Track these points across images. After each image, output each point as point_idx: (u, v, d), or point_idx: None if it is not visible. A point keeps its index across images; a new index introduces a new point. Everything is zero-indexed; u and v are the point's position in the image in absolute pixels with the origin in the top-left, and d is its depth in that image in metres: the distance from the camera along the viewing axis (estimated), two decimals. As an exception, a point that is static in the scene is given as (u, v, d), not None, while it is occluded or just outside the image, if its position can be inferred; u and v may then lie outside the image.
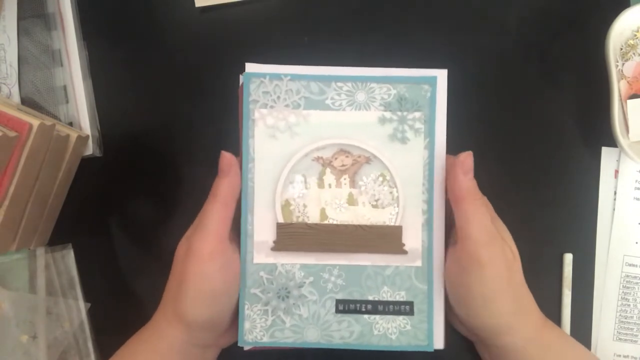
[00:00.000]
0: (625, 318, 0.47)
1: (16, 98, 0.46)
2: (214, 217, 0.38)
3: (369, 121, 0.41)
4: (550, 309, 0.47)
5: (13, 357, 0.45)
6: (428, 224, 0.41)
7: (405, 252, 0.41)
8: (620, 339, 0.47)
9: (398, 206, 0.41)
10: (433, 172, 0.41)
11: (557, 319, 0.47)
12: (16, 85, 0.46)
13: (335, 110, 0.41)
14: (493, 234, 0.38)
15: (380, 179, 0.41)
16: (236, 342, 0.42)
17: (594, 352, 0.47)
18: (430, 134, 0.41)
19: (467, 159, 0.39)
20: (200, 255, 0.38)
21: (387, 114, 0.41)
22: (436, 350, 0.41)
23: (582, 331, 0.47)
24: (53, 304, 0.47)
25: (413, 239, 0.41)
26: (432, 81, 0.40)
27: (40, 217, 0.45)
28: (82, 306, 0.47)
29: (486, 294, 0.38)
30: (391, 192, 0.41)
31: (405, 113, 0.41)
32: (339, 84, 0.41)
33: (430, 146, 0.41)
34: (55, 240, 0.48)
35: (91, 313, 0.48)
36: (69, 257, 0.48)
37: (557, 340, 0.41)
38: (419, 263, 0.41)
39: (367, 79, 0.40)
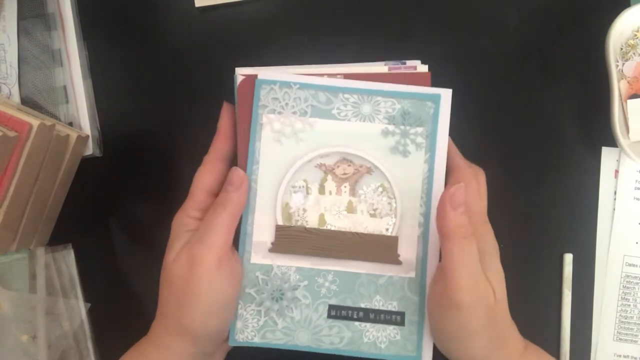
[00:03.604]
0: (625, 318, 0.47)
1: (16, 98, 0.46)
2: (221, 228, 0.38)
3: (373, 133, 0.41)
4: (550, 309, 0.47)
5: (13, 357, 0.45)
6: (424, 237, 0.41)
7: (399, 263, 0.41)
8: (620, 339, 0.47)
9: (395, 217, 0.41)
10: (432, 186, 0.41)
11: (557, 319, 0.47)
12: (16, 85, 0.46)
13: (341, 120, 0.41)
14: (477, 278, 0.37)
15: (380, 189, 0.41)
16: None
17: (594, 352, 0.47)
18: (431, 149, 0.41)
19: (457, 192, 0.37)
20: (210, 268, 0.37)
21: (391, 127, 0.41)
22: None
23: (582, 331, 0.47)
24: (53, 304, 0.47)
25: (408, 250, 0.41)
26: (436, 99, 0.41)
27: (40, 217, 0.45)
28: (82, 306, 0.47)
29: (460, 335, 0.38)
30: (390, 203, 0.41)
31: (408, 127, 0.41)
32: (346, 95, 0.41)
33: (431, 161, 0.41)
34: (55, 240, 0.48)
35: (91, 313, 0.48)
36: (69, 257, 0.48)
37: None
38: (412, 274, 0.41)
39: (373, 92, 0.41)
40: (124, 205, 0.49)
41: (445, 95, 0.41)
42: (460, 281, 0.36)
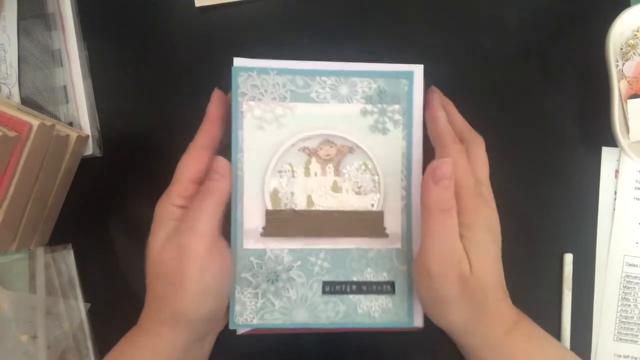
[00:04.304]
0: (626, 318, 0.47)
1: (16, 98, 0.46)
2: (209, 216, 0.38)
3: (352, 113, 0.43)
4: (550, 309, 0.47)
5: (13, 357, 0.45)
6: (407, 209, 0.43)
7: (386, 236, 0.43)
8: (620, 339, 0.47)
9: (379, 193, 0.43)
10: (411, 161, 0.43)
11: (557, 319, 0.47)
12: (16, 85, 0.46)
13: (320, 102, 0.43)
14: (450, 249, 0.38)
15: (363, 167, 0.43)
16: (232, 334, 0.42)
17: (594, 352, 0.47)
18: (408, 125, 0.43)
19: (440, 166, 0.38)
20: (200, 255, 0.38)
21: (369, 107, 0.43)
22: (418, 330, 0.43)
23: (582, 331, 0.47)
24: (53, 304, 0.47)
25: (393, 223, 0.43)
26: (409, 76, 0.43)
27: (40, 217, 0.45)
28: (82, 306, 0.47)
29: (436, 302, 0.39)
30: (373, 180, 0.43)
31: (385, 105, 0.43)
32: (323, 78, 0.43)
33: (408, 137, 0.43)
34: (55, 240, 0.48)
35: (91, 313, 0.48)
36: (69, 257, 0.48)
37: (524, 345, 0.39)
38: (399, 245, 0.43)
39: (349, 73, 0.43)
40: (124, 205, 0.49)
41: (418, 71, 0.43)
42: (432, 250, 0.38)
